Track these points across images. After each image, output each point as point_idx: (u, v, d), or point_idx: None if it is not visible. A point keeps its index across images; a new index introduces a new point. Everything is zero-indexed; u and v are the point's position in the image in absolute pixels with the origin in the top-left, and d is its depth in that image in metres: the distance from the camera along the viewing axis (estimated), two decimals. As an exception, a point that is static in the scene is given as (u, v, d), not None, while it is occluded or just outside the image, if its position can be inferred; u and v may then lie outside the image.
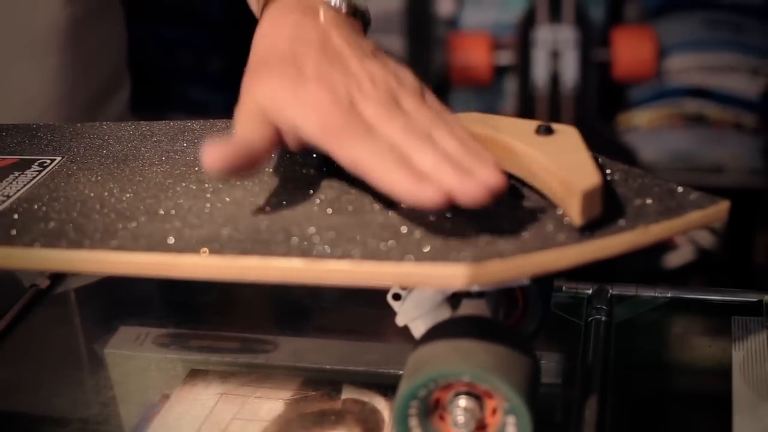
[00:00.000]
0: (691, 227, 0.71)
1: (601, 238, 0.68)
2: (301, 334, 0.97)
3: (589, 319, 0.90)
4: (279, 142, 0.75)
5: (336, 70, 0.74)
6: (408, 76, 0.76)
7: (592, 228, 0.69)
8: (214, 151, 0.69)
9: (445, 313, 0.78)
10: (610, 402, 0.81)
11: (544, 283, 0.82)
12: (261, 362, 0.91)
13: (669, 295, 0.95)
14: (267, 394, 0.86)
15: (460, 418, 0.70)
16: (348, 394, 0.85)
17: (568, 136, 0.75)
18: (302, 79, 0.73)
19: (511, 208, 0.72)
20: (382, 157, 0.68)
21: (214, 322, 1.01)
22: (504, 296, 0.81)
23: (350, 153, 0.69)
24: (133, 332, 0.98)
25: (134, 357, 0.95)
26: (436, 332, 0.73)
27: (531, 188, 0.75)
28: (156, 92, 2.40)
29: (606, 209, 0.70)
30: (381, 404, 0.83)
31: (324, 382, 0.87)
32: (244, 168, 0.71)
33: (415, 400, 0.70)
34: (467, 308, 0.77)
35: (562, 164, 0.71)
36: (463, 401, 0.71)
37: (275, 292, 1.03)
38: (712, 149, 2.31)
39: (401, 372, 0.81)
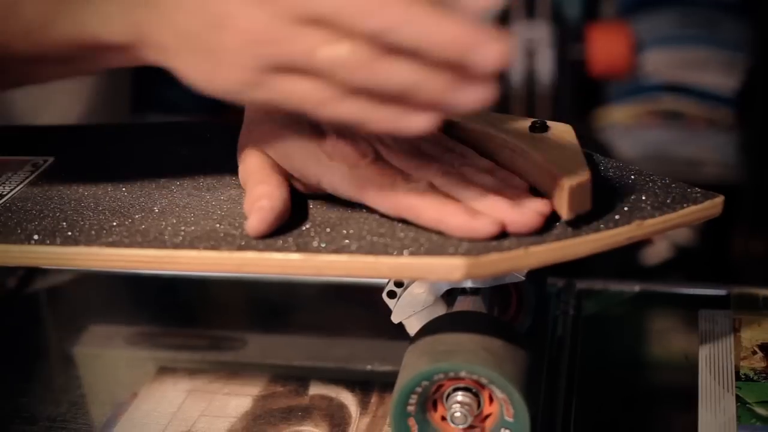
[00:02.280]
0: (686, 222, 0.71)
1: (596, 232, 0.68)
2: (269, 332, 0.97)
3: (557, 313, 0.91)
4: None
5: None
6: None
7: (587, 222, 0.69)
8: (258, 220, 0.69)
9: (440, 310, 0.79)
10: (577, 395, 0.82)
11: (537, 279, 0.83)
12: (229, 359, 0.91)
13: (637, 289, 0.95)
14: (235, 390, 0.86)
15: (458, 414, 0.71)
16: (316, 390, 0.85)
17: (561, 132, 0.75)
18: (318, 133, 0.73)
19: None
20: (427, 197, 0.68)
21: (184, 320, 1.01)
22: (498, 293, 0.81)
23: (391, 199, 0.69)
24: (103, 331, 0.98)
25: (104, 355, 0.95)
26: (465, 323, 0.73)
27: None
28: (134, 93, 2.40)
29: (601, 204, 0.71)
30: (348, 399, 0.84)
31: (292, 378, 0.87)
32: (282, 221, 0.71)
33: (427, 381, 0.70)
34: (462, 305, 0.78)
35: (552, 160, 0.71)
36: (461, 396, 0.71)
37: (244, 290, 1.03)
38: (688, 145, 2.31)
39: (368, 368, 0.81)
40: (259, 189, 0.72)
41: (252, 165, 0.74)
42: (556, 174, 0.69)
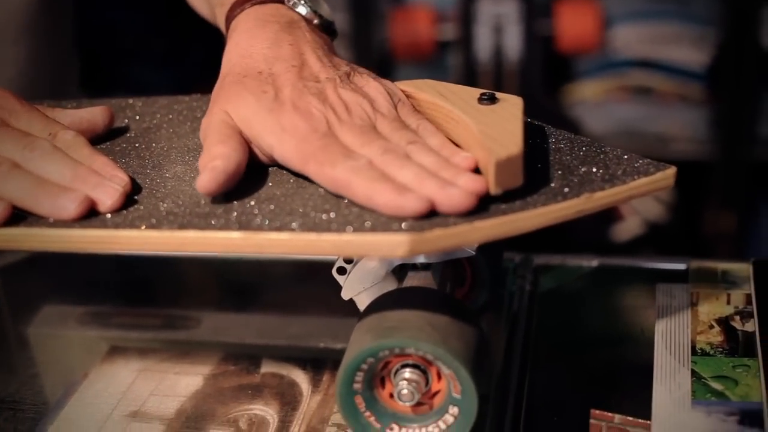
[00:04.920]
0: (637, 194, 0.70)
1: (544, 206, 0.67)
2: (221, 310, 0.96)
3: (514, 288, 0.90)
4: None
5: (313, 97, 0.74)
6: (380, 97, 0.76)
7: (536, 196, 0.68)
8: (209, 179, 0.70)
9: (391, 286, 0.78)
10: (531, 370, 0.81)
11: (492, 254, 0.82)
12: (181, 338, 0.91)
13: (595, 263, 0.95)
14: (186, 369, 0.85)
15: (405, 391, 0.70)
16: (267, 368, 0.84)
17: (509, 105, 0.74)
18: (279, 104, 0.73)
19: None
20: (362, 174, 0.68)
21: (137, 299, 1.00)
22: (452, 268, 0.80)
23: (329, 173, 0.69)
24: (57, 311, 0.97)
25: (58, 336, 0.94)
26: (413, 299, 0.72)
27: None
28: (99, 74, 2.39)
29: (551, 177, 0.70)
30: (300, 377, 0.83)
31: (244, 356, 0.86)
32: (233, 183, 0.72)
33: (373, 358, 0.69)
34: (413, 281, 0.77)
35: (488, 133, 0.70)
36: (408, 373, 0.70)
37: (197, 268, 1.03)
38: (658, 121, 2.31)
39: (321, 345, 0.80)
40: (216, 149, 0.72)
41: (215, 122, 0.75)
42: (488, 147, 0.68)
